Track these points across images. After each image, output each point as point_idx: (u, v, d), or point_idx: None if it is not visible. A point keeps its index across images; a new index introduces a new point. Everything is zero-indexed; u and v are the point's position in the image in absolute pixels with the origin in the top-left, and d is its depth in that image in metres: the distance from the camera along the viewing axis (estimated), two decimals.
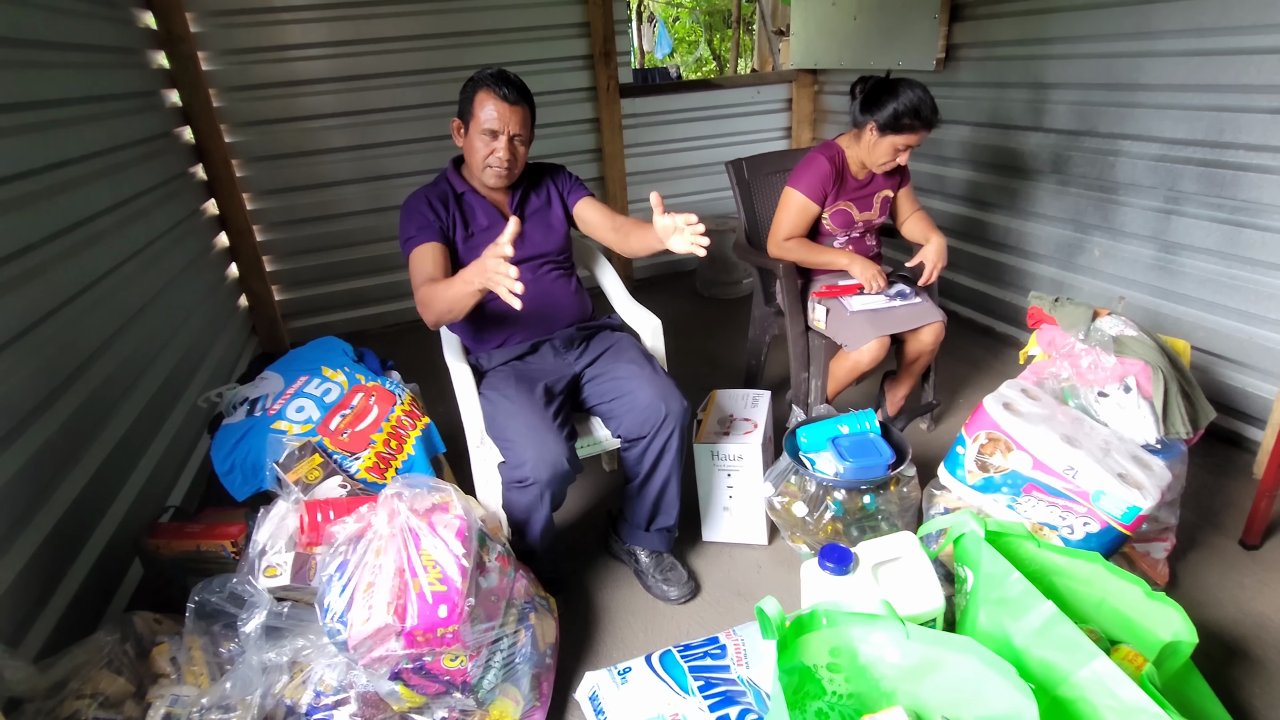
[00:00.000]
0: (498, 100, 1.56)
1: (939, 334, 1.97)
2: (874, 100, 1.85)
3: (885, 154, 1.89)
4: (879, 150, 1.90)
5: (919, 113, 1.81)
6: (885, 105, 1.83)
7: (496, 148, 1.59)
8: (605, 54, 3.30)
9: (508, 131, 1.58)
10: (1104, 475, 1.36)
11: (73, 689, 1.14)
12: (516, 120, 1.58)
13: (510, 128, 1.58)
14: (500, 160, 1.60)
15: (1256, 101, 1.91)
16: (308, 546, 1.29)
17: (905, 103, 1.81)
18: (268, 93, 2.95)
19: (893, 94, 1.82)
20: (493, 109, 1.56)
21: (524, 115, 1.60)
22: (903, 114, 1.81)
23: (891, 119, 1.82)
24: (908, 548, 1.38)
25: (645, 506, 1.64)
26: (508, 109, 1.57)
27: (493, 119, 1.57)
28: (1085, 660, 1.06)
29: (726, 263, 3.49)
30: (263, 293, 3.09)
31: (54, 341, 1.52)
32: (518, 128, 1.59)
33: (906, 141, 1.86)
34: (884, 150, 1.89)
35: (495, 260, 1.30)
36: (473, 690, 1.23)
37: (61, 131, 1.73)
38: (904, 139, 1.85)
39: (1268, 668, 1.41)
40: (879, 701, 1.16)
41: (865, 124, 1.89)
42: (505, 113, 1.57)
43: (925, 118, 1.82)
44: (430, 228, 1.62)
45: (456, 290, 1.44)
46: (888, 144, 1.87)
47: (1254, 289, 1.98)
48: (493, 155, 1.60)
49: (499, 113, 1.56)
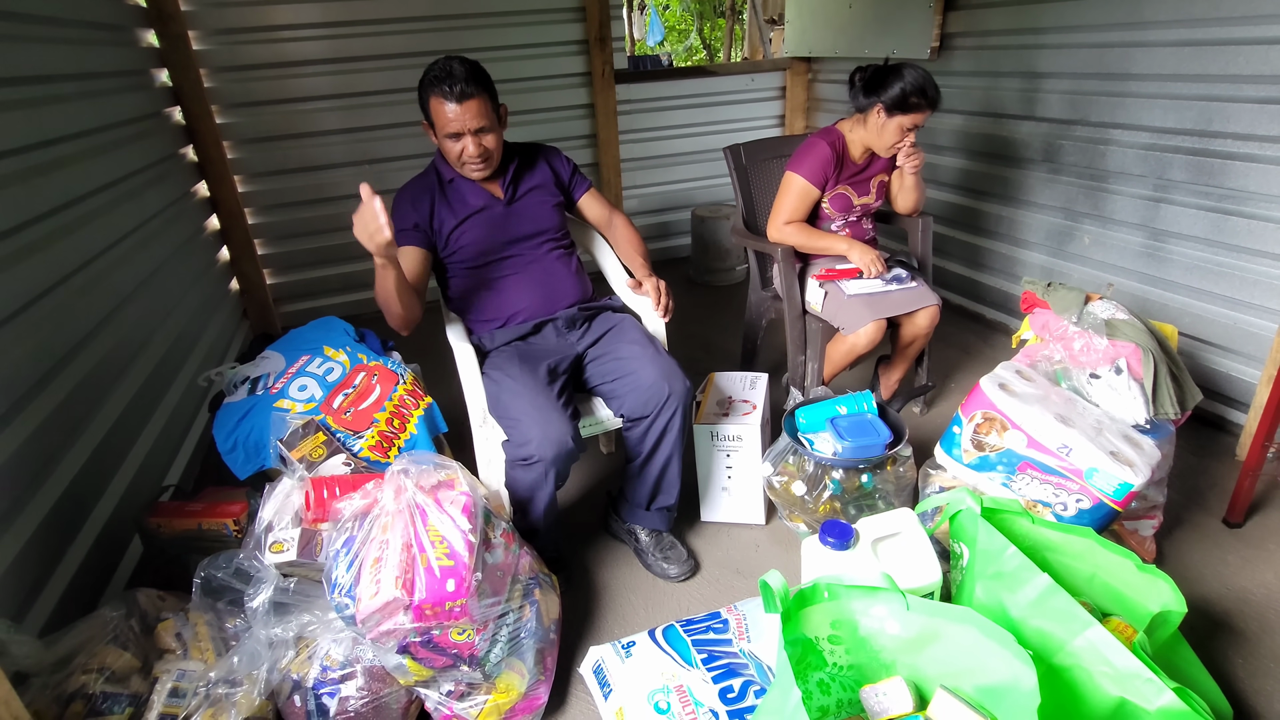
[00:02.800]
0: (447, 102, 1.52)
1: (934, 317, 2.00)
2: (879, 83, 1.89)
3: (893, 134, 1.92)
4: (887, 131, 1.93)
5: (925, 91, 1.86)
6: (891, 86, 1.87)
7: (464, 146, 1.58)
8: (601, 39, 3.29)
9: (468, 129, 1.55)
10: (1097, 453, 1.39)
11: (79, 663, 1.14)
12: (472, 115, 1.54)
13: (469, 125, 1.54)
14: (471, 157, 1.60)
15: (1244, 91, 1.95)
16: (314, 523, 1.29)
17: (911, 82, 1.85)
18: (259, 74, 2.92)
19: (898, 76, 1.86)
20: (446, 112, 1.53)
21: (479, 106, 1.54)
22: (910, 93, 1.85)
23: (899, 98, 1.86)
24: (906, 524, 1.41)
25: (646, 486, 1.66)
26: (459, 108, 1.52)
27: (449, 122, 1.54)
28: (1080, 629, 1.09)
29: (720, 249, 3.50)
30: (254, 276, 3.07)
31: (49, 321, 1.51)
32: (476, 121, 1.55)
33: (914, 121, 1.90)
34: (892, 131, 1.92)
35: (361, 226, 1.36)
36: (480, 664, 1.24)
37: (50, 108, 1.70)
38: (911, 118, 1.89)
39: (1250, 639, 1.46)
40: (879, 672, 1.18)
41: (871, 107, 1.93)
42: (458, 112, 1.53)
43: (931, 96, 1.87)
44: (407, 231, 1.63)
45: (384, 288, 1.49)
46: (895, 124, 1.90)
47: (1240, 276, 2.02)
48: (464, 154, 1.59)
49: (453, 115, 1.53)
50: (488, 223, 1.68)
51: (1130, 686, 1.04)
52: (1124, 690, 1.05)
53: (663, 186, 3.80)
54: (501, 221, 1.69)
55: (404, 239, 1.63)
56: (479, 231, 1.67)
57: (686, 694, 1.21)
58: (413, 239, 1.65)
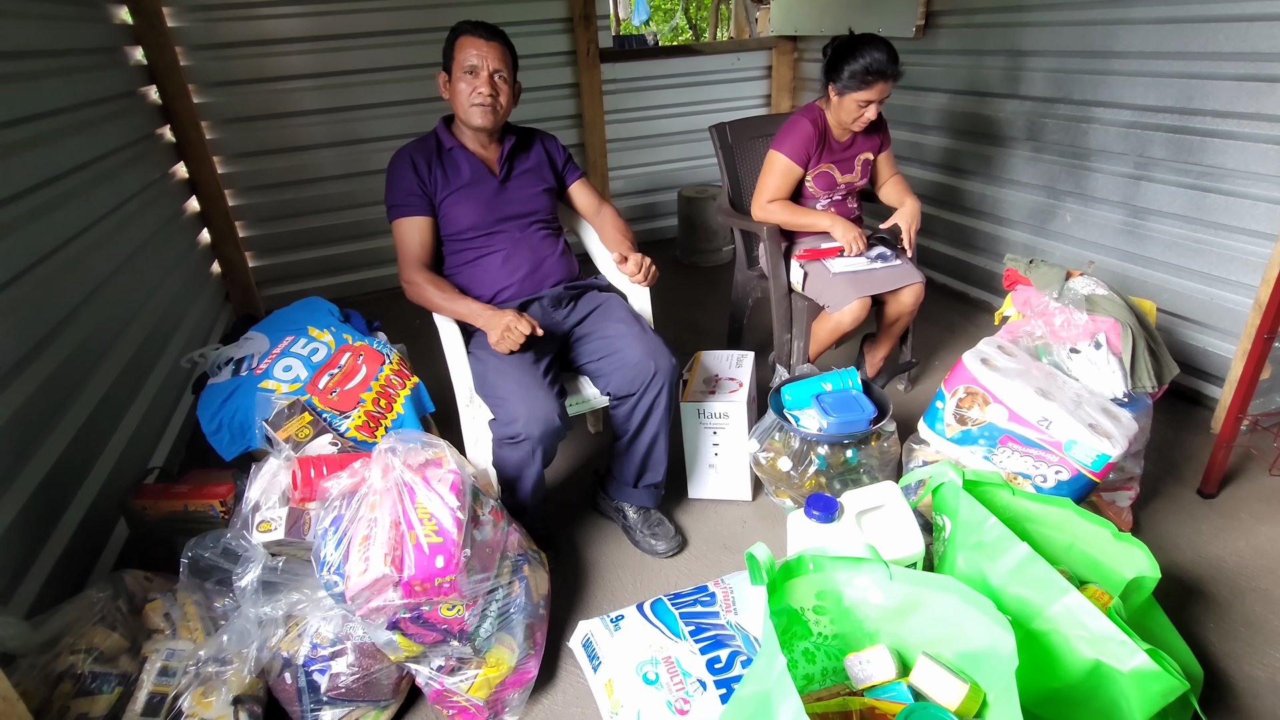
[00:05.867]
0: (475, 39, 1.60)
1: (919, 295, 2.02)
2: (833, 63, 1.93)
3: (851, 111, 1.94)
4: (844, 109, 1.95)
5: (870, 69, 1.86)
6: (840, 67, 1.90)
7: (478, 84, 1.60)
8: (585, 17, 3.25)
9: (488, 67, 1.60)
10: (1076, 426, 1.42)
11: (66, 644, 1.14)
12: (495, 56, 1.60)
13: (489, 63, 1.60)
14: (483, 96, 1.61)
15: (1223, 69, 1.97)
16: (301, 502, 1.29)
17: (859, 61, 1.87)
18: (237, 52, 2.86)
19: (848, 53, 1.88)
20: (471, 48, 1.60)
21: (502, 51, 1.62)
22: (856, 72, 1.87)
23: (847, 78, 1.89)
24: (890, 496, 1.44)
25: (634, 463, 1.67)
26: (485, 44, 1.60)
27: (471, 56, 1.60)
28: (1057, 595, 1.12)
29: (707, 230, 3.50)
30: (236, 259, 3.02)
31: (27, 303, 1.49)
32: (497, 63, 1.61)
33: (866, 97, 1.90)
34: (849, 108, 1.94)
35: (518, 332, 1.48)
36: (470, 638, 1.25)
37: (18, 85, 1.67)
38: (863, 94, 1.90)
39: (1221, 605, 1.50)
40: (863, 641, 1.21)
41: (828, 86, 1.96)
42: (483, 48, 1.60)
43: (878, 70, 1.87)
44: (414, 197, 1.64)
45: (455, 309, 1.60)
46: (849, 101, 1.93)
47: (1217, 252, 2.05)
48: (475, 92, 1.61)
49: (477, 49, 1.60)
50: (479, 197, 1.67)
51: (1105, 649, 1.07)
52: (1098, 653, 1.08)
53: (649, 167, 3.78)
54: (493, 197, 1.68)
55: (413, 208, 1.65)
56: (469, 204, 1.66)
57: (675, 665, 1.23)
58: (419, 208, 1.65)
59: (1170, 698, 1.06)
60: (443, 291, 1.61)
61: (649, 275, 1.67)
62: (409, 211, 1.64)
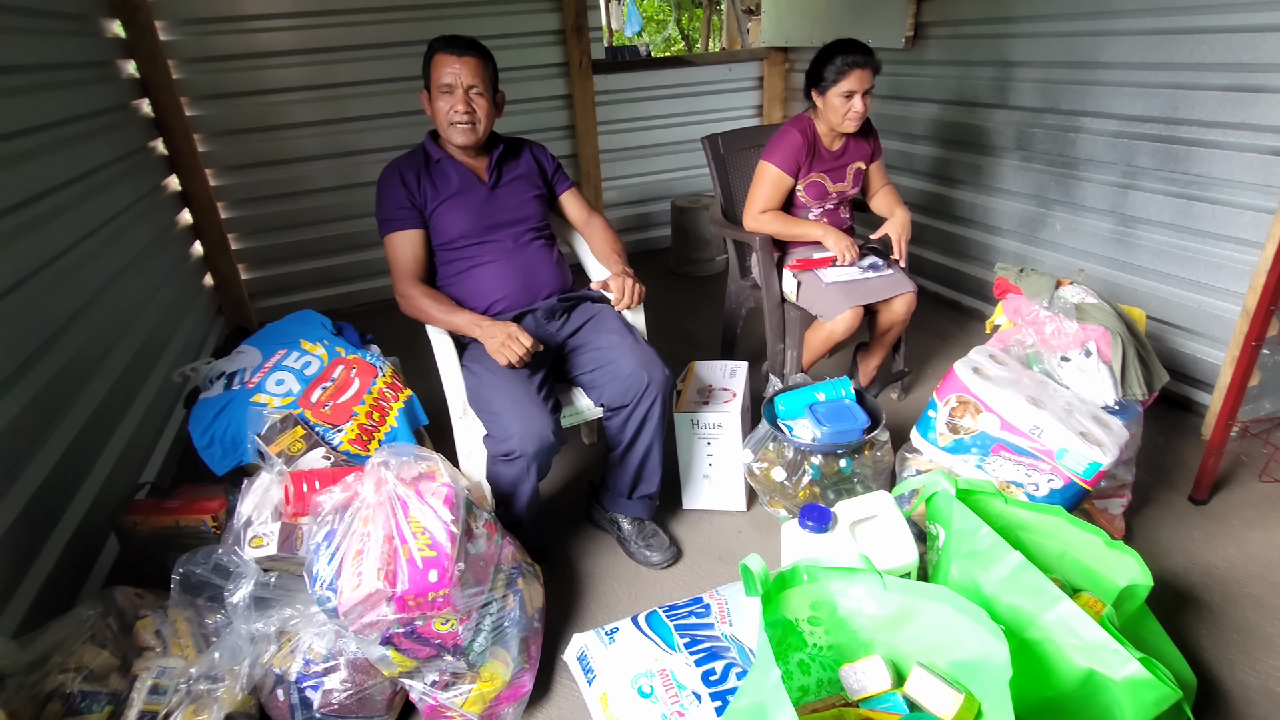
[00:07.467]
0: (448, 55, 1.59)
1: (911, 304, 2.03)
2: (813, 72, 1.99)
3: (838, 107, 1.96)
4: (831, 108, 1.98)
5: (845, 59, 1.91)
6: (819, 71, 1.96)
7: (455, 102, 1.60)
8: (578, 29, 3.27)
9: (462, 84, 1.59)
10: (1067, 434, 1.42)
11: (55, 663, 1.13)
12: (468, 71, 1.59)
13: (463, 79, 1.59)
14: (460, 114, 1.61)
15: (1208, 79, 1.99)
16: (294, 517, 1.29)
17: (834, 57, 1.93)
18: (230, 65, 2.86)
19: (824, 57, 1.95)
20: (445, 65, 1.60)
21: (476, 65, 1.61)
22: (834, 66, 1.92)
23: (826, 76, 1.94)
24: (884, 506, 1.44)
25: (628, 474, 1.67)
26: (457, 61, 1.59)
27: (446, 74, 1.59)
28: (1050, 604, 1.12)
29: (700, 240, 3.51)
30: (229, 271, 3.02)
31: (18, 317, 1.48)
32: (471, 78, 1.60)
33: (848, 87, 1.93)
34: (835, 105, 1.96)
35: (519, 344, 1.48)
36: (464, 653, 1.25)
37: (11, 100, 1.66)
38: (844, 85, 1.93)
39: (1214, 611, 1.51)
40: (857, 651, 1.21)
41: (812, 93, 2.01)
42: (456, 65, 1.59)
43: (852, 60, 1.91)
44: (405, 210, 1.64)
45: (451, 321, 1.59)
46: (833, 98, 1.95)
47: (1204, 260, 2.07)
48: (452, 110, 1.61)
49: (450, 67, 1.59)
50: (469, 205, 1.67)
51: (1098, 657, 1.07)
52: (1092, 661, 1.08)
53: (642, 178, 3.80)
54: (483, 205, 1.69)
55: (404, 221, 1.65)
56: (460, 212, 1.67)
57: (670, 677, 1.23)
58: (410, 221, 1.65)
59: (1164, 706, 1.06)
60: (438, 304, 1.61)
61: (634, 299, 1.66)
62: (400, 225, 1.64)
